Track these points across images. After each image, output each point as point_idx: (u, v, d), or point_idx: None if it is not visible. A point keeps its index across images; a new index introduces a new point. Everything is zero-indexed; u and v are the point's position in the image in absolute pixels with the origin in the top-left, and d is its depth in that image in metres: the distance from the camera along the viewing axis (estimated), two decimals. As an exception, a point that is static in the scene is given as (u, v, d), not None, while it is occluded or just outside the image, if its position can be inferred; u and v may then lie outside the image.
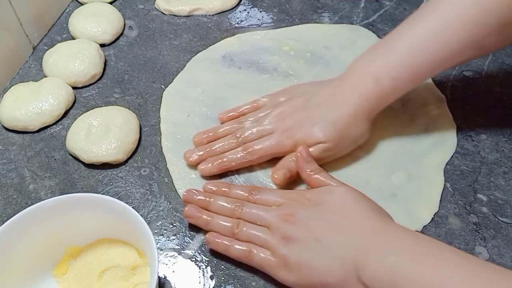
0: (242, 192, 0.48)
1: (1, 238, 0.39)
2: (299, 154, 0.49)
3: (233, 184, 0.50)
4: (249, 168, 0.52)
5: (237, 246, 0.44)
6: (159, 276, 0.43)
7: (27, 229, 0.41)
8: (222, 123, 0.56)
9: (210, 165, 0.51)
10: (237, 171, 0.52)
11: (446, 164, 0.52)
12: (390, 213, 0.48)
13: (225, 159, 0.51)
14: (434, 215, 0.49)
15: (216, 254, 0.46)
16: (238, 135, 0.52)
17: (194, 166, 0.52)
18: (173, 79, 0.62)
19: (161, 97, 0.60)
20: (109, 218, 0.42)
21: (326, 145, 0.50)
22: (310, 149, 0.49)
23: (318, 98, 0.52)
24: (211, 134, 0.54)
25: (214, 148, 0.52)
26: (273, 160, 0.52)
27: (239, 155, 0.51)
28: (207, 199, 0.47)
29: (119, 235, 0.44)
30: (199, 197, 0.47)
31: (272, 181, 0.51)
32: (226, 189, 0.48)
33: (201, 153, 0.52)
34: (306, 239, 0.42)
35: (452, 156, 0.53)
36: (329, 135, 0.49)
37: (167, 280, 0.45)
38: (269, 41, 0.66)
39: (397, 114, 0.57)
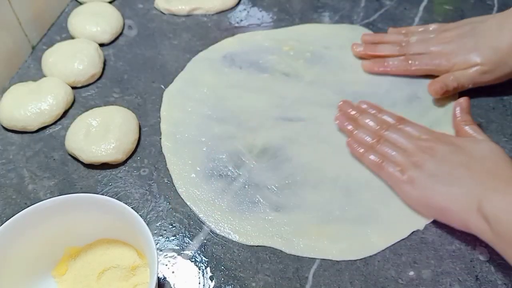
0: (390, 119, 0.53)
1: (0, 238, 0.39)
2: (460, 101, 0.52)
3: (384, 109, 0.54)
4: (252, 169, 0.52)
5: (371, 156, 0.50)
6: (158, 277, 0.43)
7: (26, 230, 0.41)
8: (387, 35, 0.62)
9: (372, 64, 0.60)
10: (239, 168, 0.52)
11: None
12: (392, 212, 0.48)
13: (387, 63, 0.59)
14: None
15: (215, 255, 0.46)
16: (403, 45, 0.59)
17: (357, 55, 0.62)
18: (172, 78, 0.62)
19: (161, 97, 0.60)
20: (108, 218, 0.42)
21: (483, 67, 0.54)
22: (468, 71, 0.54)
23: (485, 26, 0.55)
24: (378, 37, 0.62)
25: (379, 49, 0.60)
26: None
27: (400, 63, 0.58)
28: (357, 114, 0.54)
29: (118, 235, 0.44)
30: (351, 111, 0.54)
31: (428, 91, 0.56)
32: (376, 111, 0.54)
33: (367, 51, 0.61)
34: (438, 169, 0.45)
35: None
36: (487, 59, 0.53)
37: (167, 280, 0.45)
38: (270, 41, 0.65)
39: (406, 110, 0.57)
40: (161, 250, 0.47)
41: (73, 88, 0.60)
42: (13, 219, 0.40)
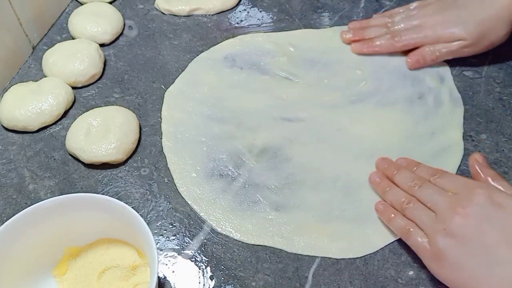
0: (426, 172, 0.47)
1: (1, 238, 0.39)
2: (475, 158, 0.45)
3: (422, 164, 0.49)
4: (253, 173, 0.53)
5: (399, 220, 0.44)
6: (159, 276, 0.43)
7: (27, 229, 0.41)
8: (371, 21, 0.64)
9: (361, 46, 0.62)
10: (239, 168, 0.52)
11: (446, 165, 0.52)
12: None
13: (374, 43, 0.61)
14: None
15: (216, 254, 0.46)
16: (388, 25, 0.61)
17: (346, 42, 0.64)
18: (173, 79, 0.62)
19: (161, 97, 0.60)
20: (108, 218, 0.42)
21: (466, 42, 0.56)
22: (451, 44, 0.56)
23: (466, 1, 0.56)
24: (365, 23, 0.64)
25: (366, 33, 0.62)
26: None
27: (387, 41, 0.60)
28: (394, 171, 0.48)
29: (118, 235, 0.44)
30: (387, 166, 0.50)
31: (407, 64, 0.59)
32: (415, 168, 0.48)
33: (355, 36, 0.63)
34: (473, 240, 0.38)
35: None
36: (470, 33, 0.55)
37: (167, 280, 0.45)
38: (271, 44, 0.65)
39: (408, 112, 0.57)
40: (161, 250, 0.47)
41: (74, 88, 0.60)
42: (13, 219, 0.40)
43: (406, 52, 0.61)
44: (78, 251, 0.45)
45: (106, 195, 0.51)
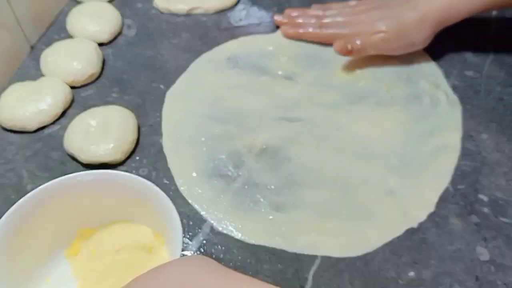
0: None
1: (28, 205, 0.40)
2: None
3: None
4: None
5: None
6: None
7: (45, 205, 0.41)
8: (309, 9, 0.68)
9: (289, 28, 0.65)
10: (238, 168, 0.52)
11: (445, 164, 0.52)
12: (388, 211, 0.48)
13: (300, 28, 0.64)
14: (432, 213, 0.48)
15: (215, 255, 0.46)
16: (320, 17, 0.64)
17: (277, 23, 0.67)
18: (172, 78, 0.62)
19: (160, 97, 0.60)
20: (126, 198, 0.42)
21: (386, 35, 0.58)
22: (372, 36, 0.58)
23: (394, 2, 0.60)
24: (301, 10, 0.67)
25: (297, 20, 0.65)
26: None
27: (313, 29, 0.64)
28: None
29: (133, 216, 0.44)
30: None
31: (334, 49, 0.60)
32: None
33: (286, 19, 0.66)
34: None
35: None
36: (391, 28, 0.58)
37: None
38: (272, 45, 0.66)
39: (407, 112, 0.57)
40: (160, 251, 0.47)
41: (72, 87, 0.60)
42: (37, 190, 0.41)
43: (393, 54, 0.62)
44: (90, 233, 0.44)
45: (104, 195, 0.50)
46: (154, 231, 0.44)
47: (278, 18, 0.67)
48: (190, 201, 0.50)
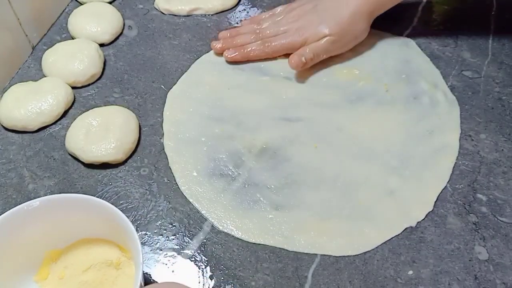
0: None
1: None
2: None
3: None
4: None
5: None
6: (144, 272, 0.43)
7: (4, 236, 0.40)
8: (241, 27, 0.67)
9: (233, 52, 0.63)
10: (238, 168, 0.52)
11: (443, 163, 0.53)
12: (387, 210, 0.48)
13: (246, 50, 0.62)
14: (431, 213, 0.49)
15: (215, 254, 0.46)
16: (257, 32, 0.63)
17: (219, 54, 0.64)
18: (172, 78, 0.62)
19: (161, 97, 0.60)
20: (87, 217, 0.42)
21: (332, 37, 0.59)
22: (320, 42, 0.59)
23: (325, 2, 0.61)
24: (234, 31, 0.65)
25: (236, 41, 0.64)
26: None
27: (258, 47, 0.62)
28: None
29: (98, 233, 0.44)
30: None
31: (289, 66, 0.60)
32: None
33: (225, 44, 0.64)
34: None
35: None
36: (333, 30, 0.59)
37: (167, 280, 0.45)
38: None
39: (407, 112, 0.57)
40: (161, 250, 0.47)
41: (73, 88, 0.60)
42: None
43: (392, 55, 0.62)
44: (58, 254, 0.44)
45: (105, 194, 0.51)
46: (120, 245, 0.44)
47: (217, 45, 0.64)
48: (190, 200, 0.50)
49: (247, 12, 0.70)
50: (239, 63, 0.63)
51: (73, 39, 0.66)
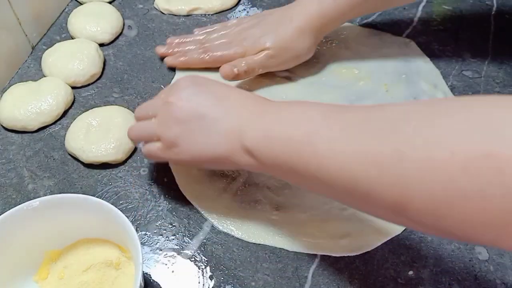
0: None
1: None
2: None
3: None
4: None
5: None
6: (144, 272, 0.43)
7: (5, 236, 0.40)
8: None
9: (174, 59, 0.62)
10: (237, 176, 0.52)
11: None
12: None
13: (185, 56, 0.62)
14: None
15: (215, 254, 0.46)
16: (203, 42, 0.63)
17: (159, 55, 0.64)
18: (172, 78, 0.62)
19: (161, 97, 0.60)
20: (87, 217, 0.42)
21: (270, 51, 0.58)
22: (257, 56, 0.58)
23: (271, 17, 0.60)
24: (183, 37, 0.65)
25: (180, 48, 0.63)
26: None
27: (198, 56, 0.61)
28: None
29: (98, 233, 0.44)
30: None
31: (220, 75, 0.58)
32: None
33: (169, 49, 0.64)
34: (191, 118, 0.43)
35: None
36: (273, 44, 0.57)
37: (167, 280, 0.45)
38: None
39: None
40: (161, 250, 0.47)
41: (73, 88, 0.60)
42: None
43: (392, 55, 0.62)
44: (58, 254, 0.44)
45: (105, 194, 0.51)
46: (120, 245, 0.44)
47: (161, 50, 0.64)
48: (190, 200, 0.50)
49: (247, 12, 0.70)
50: None
51: (73, 39, 0.66)
